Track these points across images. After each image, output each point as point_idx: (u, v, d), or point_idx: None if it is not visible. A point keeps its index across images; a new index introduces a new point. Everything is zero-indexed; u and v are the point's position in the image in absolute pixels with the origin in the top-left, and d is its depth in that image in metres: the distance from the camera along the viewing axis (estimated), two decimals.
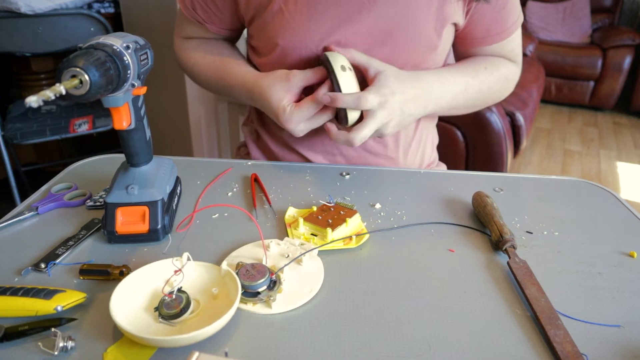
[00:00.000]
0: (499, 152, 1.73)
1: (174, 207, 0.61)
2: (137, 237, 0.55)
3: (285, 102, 0.68)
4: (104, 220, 0.55)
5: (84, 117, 1.81)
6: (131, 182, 0.56)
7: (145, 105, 0.57)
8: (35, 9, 1.56)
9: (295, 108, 0.67)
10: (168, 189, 0.59)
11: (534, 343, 0.43)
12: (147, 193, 0.56)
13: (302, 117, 0.67)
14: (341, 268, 0.53)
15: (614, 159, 3.00)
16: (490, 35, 0.76)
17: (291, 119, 0.67)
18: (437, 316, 0.46)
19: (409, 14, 0.68)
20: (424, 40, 0.71)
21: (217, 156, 2.22)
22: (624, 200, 0.69)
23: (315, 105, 0.66)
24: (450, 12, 0.70)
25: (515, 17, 0.76)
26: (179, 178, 0.66)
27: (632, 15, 4.02)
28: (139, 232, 0.55)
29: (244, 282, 0.47)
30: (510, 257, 0.53)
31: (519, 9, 0.77)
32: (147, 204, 0.55)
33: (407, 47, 0.71)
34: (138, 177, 0.57)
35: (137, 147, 0.56)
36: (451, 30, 0.75)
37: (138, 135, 0.56)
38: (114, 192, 0.56)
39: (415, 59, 0.73)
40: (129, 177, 0.57)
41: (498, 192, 0.70)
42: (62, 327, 0.43)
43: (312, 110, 0.67)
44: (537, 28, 3.99)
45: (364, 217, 0.62)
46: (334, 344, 0.43)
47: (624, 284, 0.52)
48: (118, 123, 0.53)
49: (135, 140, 0.56)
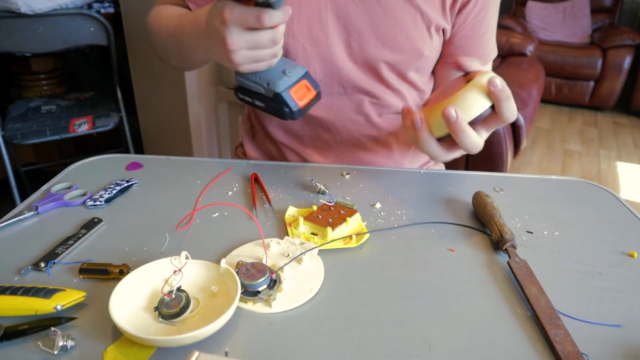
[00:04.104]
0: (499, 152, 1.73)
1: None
2: (311, 103, 0.66)
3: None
4: (284, 106, 0.64)
5: (84, 117, 1.81)
6: (283, 67, 0.64)
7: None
8: (35, 9, 1.56)
9: (233, 9, 0.56)
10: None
11: (534, 343, 0.43)
12: (297, 70, 0.65)
13: (242, 22, 0.56)
14: (341, 267, 0.53)
15: (614, 159, 3.00)
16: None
17: (229, 29, 0.57)
18: (437, 316, 0.46)
19: (393, 16, 0.70)
20: (409, 44, 0.72)
21: (217, 156, 2.22)
22: (624, 200, 0.69)
23: (255, 16, 0.55)
24: (432, 15, 0.71)
25: (490, 48, 0.80)
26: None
27: (632, 15, 4.01)
28: (312, 99, 0.66)
29: (244, 281, 0.47)
30: (510, 256, 0.53)
31: (495, 44, 0.80)
32: (304, 77, 0.66)
33: (392, 49, 0.72)
34: (283, 61, 0.65)
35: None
36: (440, 39, 0.76)
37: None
38: (279, 81, 0.63)
39: (400, 66, 0.74)
40: (279, 64, 0.64)
41: (498, 192, 0.70)
42: (61, 326, 0.43)
43: (252, 15, 0.56)
44: (537, 28, 3.99)
45: (364, 217, 0.62)
46: (334, 343, 0.43)
47: (624, 284, 0.52)
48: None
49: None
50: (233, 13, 0.56)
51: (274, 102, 0.65)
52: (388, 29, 0.71)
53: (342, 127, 0.80)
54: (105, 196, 0.64)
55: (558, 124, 3.58)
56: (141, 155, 0.80)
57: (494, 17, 0.77)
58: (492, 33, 0.79)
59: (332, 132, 0.81)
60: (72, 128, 1.77)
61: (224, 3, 0.57)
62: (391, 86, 0.77)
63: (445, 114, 0.54)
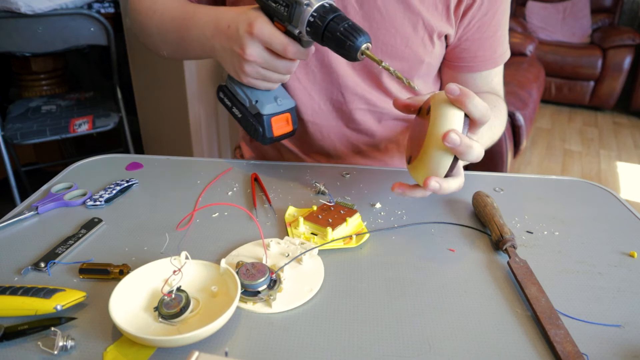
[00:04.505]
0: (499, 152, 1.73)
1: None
2: (284, 136, 0.69)
3: (258, 18, 0.57)
4: (261, 127, 0.66)
5: (84, 117, 1.81)
6: (277, 94, 0.67)
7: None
8: (35, 9, 1.56)
9: (264, 26, 0.57)
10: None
11: (534, 343, 0.43)
12: (287, 101, 0.68)
13: (267, 43, 0.57)
14: (341, 267, 0.53)
15: (614, 159, 3.00)
16: (477, 60, 0.75)
17: (252, 42, 0.57)
18: (437, 316, 0.46)
19: (394, 24, 0.69)
20: (409, 52, 0.71)
21: (217, 156, 2.22)
22: (624, 200, 0.69)
23: (286, 46, 0.56)
24: (435, 22, 0.70)
25: (503, 50, 0.77)
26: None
27: (632, 15, 4.01)
28: (286, 133, 0.69)
29: (244, 281, 0.47)
30: (510, 256, 0.53)
31: (508, 45, 0.78)
32: (289, 110, 0.68)
33: (392, 57, 0.72)
34: (279, 88, 0.67)
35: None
36: (442, 45, 0.74)
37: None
38: (268, 104, 0.65)
39: (400, 72, 0.73)
40: (275, 90, 0.67)
41: (498, 192, 0.70)
42: (61, 327, 0.43)
43: (280, 42, 0.57)
44: (537, 28, 3.99)
45: (364, 217, 0.62)
46: (334, 343, 0.43)
47: (624, 284, 0.52)
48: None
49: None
50: (263, 30, 0.57)
51: (253, 119, 0.67)
52: (388, 37, 0.70)
53: (341, 134, 0.80)
54: (105, 196, 0.64)
55: (558, 124, 3.58)
56: (141, 155, 0.80)
57: (503, 18, 0.74)
58: (503, 35, 0.76)
59: (332, 138, 0.80)
60: (72, 128, 1.77)
61: (256, 15, 0.58)
62: (391, 94, 0.77)
63: (447, 140, 0.49)
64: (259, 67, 0.60)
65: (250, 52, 0.58)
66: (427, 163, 0.52)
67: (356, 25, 0.53)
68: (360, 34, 0.52)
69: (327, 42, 0.54)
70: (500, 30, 0.75)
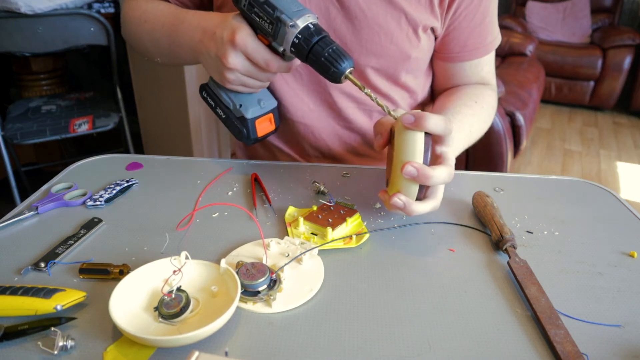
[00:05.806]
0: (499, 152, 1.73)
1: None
2: (267, 135, 0.70)
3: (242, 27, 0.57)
4: (245, 129, 0.67)
5: (84, 117, 1.81)
6: (260, 96, 0.68)
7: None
8: (35, 9, 1.56)
9: (247, 39, 0.57)
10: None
11: (534, 343, 0.43)
12: (270, 102, 0.69)
13: (249, 55, 0.58)
14: (341, 267, 0.53)
15: (614, 159, 3.00)
16: (466, 50, 0.75)
17: (234, 51, 0.57)
18: (437, 316, 0.46)
19: (377, 21, 0.69)
20: (395, 48, 0.71)
21: (217, 156, 2.22)
22: (624, 200, 0.69)
23: (267, 59, 0.57)
24: (418, 16, 0.69)
25: (493, 36, 0.76)
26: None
27: (632, 15, 4.01)
28: (269, 132, 0.70)
29: (244, 281, 0.47)
30: (510, 256, 0.53)
31: (497, 30, 0.77)
32: (272, 110, 0.69)
33: (377, 55, 0.71)
34: (262, 91, 0.68)
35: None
36: (429, 39, 0.74)
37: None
38: (251, 108, 0.66)
39: (387, 70, 0.74)
40: (258, 93, 0.68)
41: (498, 192, 0.70)
42: (61, 326, 0.43)
43: (262, 57, 0.57)
44: (537, 28, 3.99)
45: (364, 217, 0.62)
46: (334, 343, 0.43)
47: (624, 284, 0.52)
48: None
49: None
50: (246, 42, 0.57)
51: (237, 121, 0.68)
52: (372, 35, 0.70)
53: (334, 133, 0.80)
54: (105, 196, 0.64)
55: (558, 124, 3.59)
56: (141, 155, 0.80)
57: (491, 4, 0.73)
58: (492, 21, 0.75)
59: (325, 139, 0.80)
60: (72, 128, 1.77)
61: (238, 24, 0.58)
62: (380, 91, 0.77)
63: (404, 173, 0.51)
64: (240, 75, 0.60)
65: (232, 60, 0.58)
66: (397, 189, 0.54)
67: (340, 50, 0.54)
68: (344, 59, 0.54)
69: (311, 64, 0.55)
70: (489, 17, 0.74)
